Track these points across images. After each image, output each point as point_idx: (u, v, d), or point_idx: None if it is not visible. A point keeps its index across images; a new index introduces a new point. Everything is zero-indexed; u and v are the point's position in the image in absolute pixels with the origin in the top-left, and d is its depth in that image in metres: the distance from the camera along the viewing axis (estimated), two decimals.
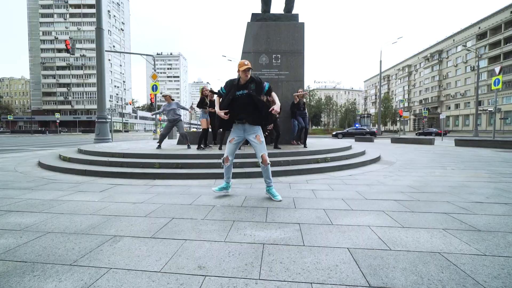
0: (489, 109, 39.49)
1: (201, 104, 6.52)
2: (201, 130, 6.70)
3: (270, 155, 3.60)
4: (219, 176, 4.41)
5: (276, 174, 4.63)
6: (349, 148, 7.63)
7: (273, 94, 3.18)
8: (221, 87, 3.17)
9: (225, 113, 3.03)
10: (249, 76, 3.04)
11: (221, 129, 3.48)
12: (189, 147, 6.87)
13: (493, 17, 49.40)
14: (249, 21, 8.50)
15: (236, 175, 4.44)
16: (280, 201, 3.04)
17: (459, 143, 13.54)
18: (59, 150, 8.96)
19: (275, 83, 8.43)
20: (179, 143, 8.35)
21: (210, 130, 6.98)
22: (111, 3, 79.18)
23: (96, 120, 12.04)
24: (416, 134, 28.26)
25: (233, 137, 3.15)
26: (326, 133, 36.10)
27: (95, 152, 6.17)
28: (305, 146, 7.03)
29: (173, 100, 7.05)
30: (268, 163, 3.04)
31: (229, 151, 3.14)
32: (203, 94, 6.58)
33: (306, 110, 7.25)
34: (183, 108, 7.07)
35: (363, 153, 7.30)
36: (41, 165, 5.79)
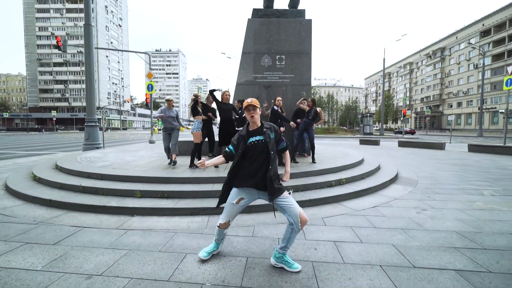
0: (500, 111, 38.75)
1: (194, 112, 5.60)
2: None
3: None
4: (213, 212, 3.55)
5: None
6: (361, 162, 6.76)
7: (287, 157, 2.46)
8: (230, 147, 2.33)
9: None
10: (257, 118, 2.23)
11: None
12: (174, 163, 5.73)
13: (497, 14, 48.37)
14: (250, 17, 7.59)
15: None
16: (299, 271, 2.17)
17: (473, 148, 12.72)
18: (39, 160, 8.07)
19: (279, 87, 7.55)
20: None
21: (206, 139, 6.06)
22: None
23: (85, 123, 11.21)
24: (394, 132, 28.44)
25: (241, 197, 2.26)
26: (327, 133, 35.22)
27: (70, 171, 5.29)
28: (313, 161, 6.16)
29: (173, 107, 6.22)
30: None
31: (231, 214, 2.28)
32: (195, 102, 5.64)
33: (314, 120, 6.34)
34: (178, 122, 6.19)
35: (378, 168, 6.44)
36: (6, 187, 4.92)
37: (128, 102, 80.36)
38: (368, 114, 36.39)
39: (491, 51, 48.77)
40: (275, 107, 6.16)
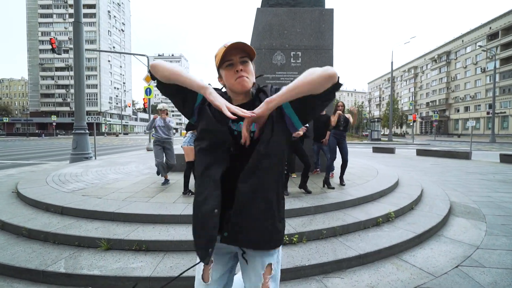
0: None
1: (190, 125, 4.37)
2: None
3: (301, 211, 1.56)
4: None
5: (321, 268, 2.46)
6: (397, 183, 5.37)
7: None
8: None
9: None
10: (248, 86, 1.00)
11: None
12: (166, 182, 4.89)
13: (505, 17, 47.23)
14: (259, 6, 6.38)
15: None
16: None
17: (506, 159, 11.36)
18: (13, 175, 6.80)
19: None
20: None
21: None
22: (111, 3, 77.55)
23: (73, 130, 10.05)
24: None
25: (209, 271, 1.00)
26: None
27: (27, 199, 4.02)
28: (341, 183, 4.85)
29: (167, 115, 5.09)
30: None
31: None
32: None
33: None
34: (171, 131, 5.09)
35: (422, 192, 5.08)
36: None
37: (129, 106, 79.46)
38: (376, 119, 35.08)
39: (499, 54, 47.48)
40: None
